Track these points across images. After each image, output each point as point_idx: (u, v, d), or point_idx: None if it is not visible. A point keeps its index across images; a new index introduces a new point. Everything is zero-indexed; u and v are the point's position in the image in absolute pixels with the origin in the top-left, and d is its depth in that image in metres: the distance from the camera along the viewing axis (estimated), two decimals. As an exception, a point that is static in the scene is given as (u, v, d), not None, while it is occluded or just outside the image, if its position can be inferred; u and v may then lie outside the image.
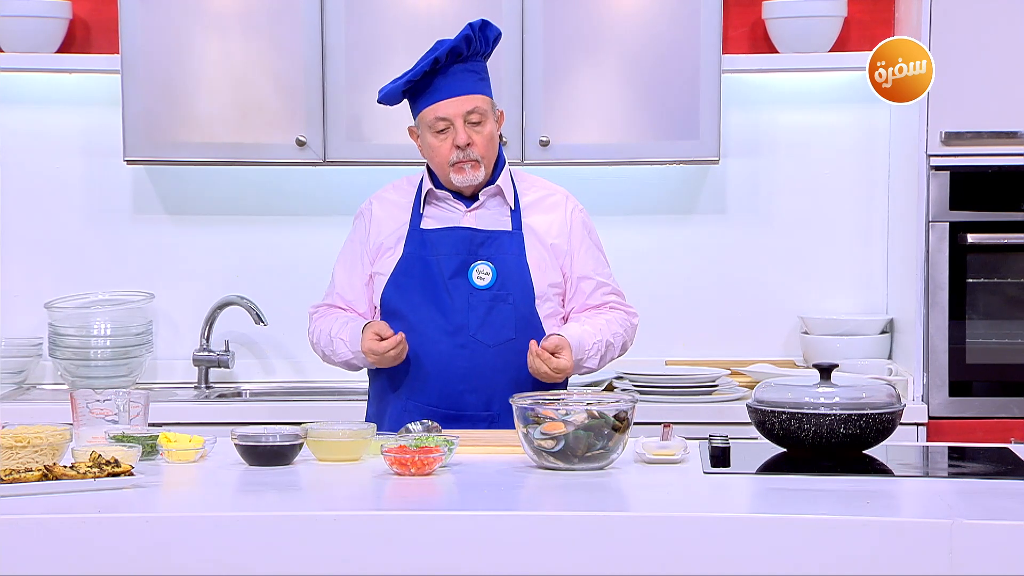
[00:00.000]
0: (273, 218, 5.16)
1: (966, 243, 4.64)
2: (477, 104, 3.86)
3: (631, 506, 3.17)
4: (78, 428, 3.49)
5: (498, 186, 3.93)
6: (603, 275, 4.00)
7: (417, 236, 3.92)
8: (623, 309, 4.02)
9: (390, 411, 3.90)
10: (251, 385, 5.12)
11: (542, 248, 3.93)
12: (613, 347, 3.94)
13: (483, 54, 3.90)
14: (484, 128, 3.87)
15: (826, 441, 3.41)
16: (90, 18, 5.07)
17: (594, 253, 4.01)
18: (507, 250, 3.90)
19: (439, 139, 3.87)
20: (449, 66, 3.84)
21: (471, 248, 3.89)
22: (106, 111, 5.00)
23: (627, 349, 4.03)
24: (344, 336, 3.91)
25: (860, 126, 5.11)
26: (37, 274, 5.13)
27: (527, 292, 3.89)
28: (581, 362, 3.87)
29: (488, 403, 3.85)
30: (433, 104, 3.85)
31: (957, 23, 4.58)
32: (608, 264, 4.05)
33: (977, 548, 2.86)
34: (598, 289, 3.98)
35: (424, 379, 3.86)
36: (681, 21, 4.77)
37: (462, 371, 3.86)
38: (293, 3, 4.79)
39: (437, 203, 3.94)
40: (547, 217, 3.96)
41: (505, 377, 3.84)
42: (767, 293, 5.17)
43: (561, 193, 4.03)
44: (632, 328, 4.02)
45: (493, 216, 3.93)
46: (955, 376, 4.66)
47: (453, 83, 3.85)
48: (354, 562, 2.90)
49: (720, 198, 5.16)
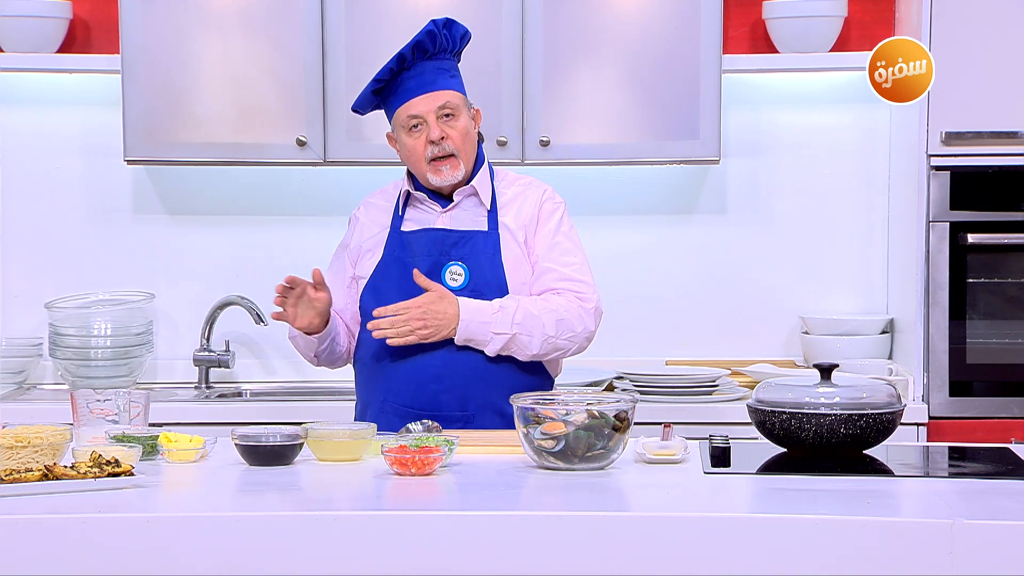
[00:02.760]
0: (273, 218, 5.16)
1: (966, 243, 4.64)
2: (448, 99, 3.85)
3: (631, 506, 3.17)
4: (78, 428, 3.49)
5: (472, 186, 3.91)
6: (558, 262, 3.87)
7: (396, 239, 3.92)
8: (572, 292, 3.84)
9: (370, 412, 3.91)
10: (251, 385, 5.12)
11: (516, 246, 3.89)
12: (536, 318, 3.76)
13: (451, 51, 3.89)
14: (457, 122, 3.86)
15: (826, 441, 3.41)
16: (90, 18, 5.07)
17: (553, 240, 3.89)
18: (481, 250, 3.88)
19: (413, 137, 3.86)
20: (416, 63, 3.84)
21: (443, 249, 3.88)
22: (106, 111, 5.00)
23: (581, 333, 3.82)
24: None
25: (860, 126, 5.12)
26: (37, 274, 5.13)
27: (502, 292, 3.85)
28: (487, 326, 3.75)
29: (463, 403, 3.83)
30: (404, 103, 3.85)
31: (957, 23, 4.58)
32: (576, 254, 3.89)
33: (977, 548, 2.86)
34: (545, 274, 3.86)
35: (399, 380, 3.85)
36: (681, 21, 4.78)
37: (435, 371, 3.84)
38: (293, 3, 4.79)
39: (416, 205, 3.94)
40: (520, 211, 3.92)
41: (480, 377, 3.82)
42: (767, 293, 5.17)
43: (539, 187, 3.96)
44: (583, 310, 3.82)
45: (468, 216, 3.92)
46: (955, 376, 4.66)
47: (422, 80, 3.84)
48: (354, 562, 2.90)
49: (720, 198, 5.16)
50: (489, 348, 3.81)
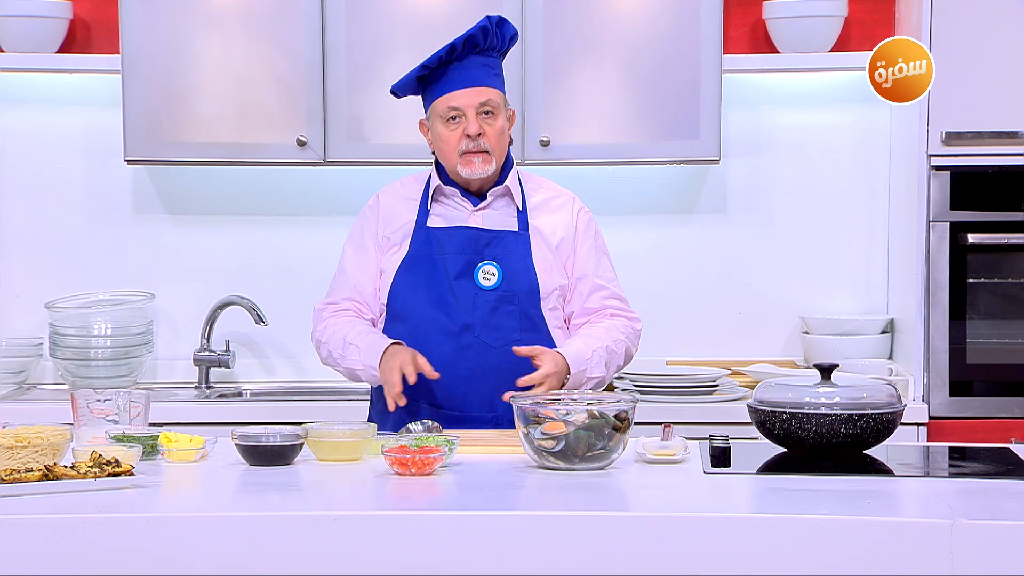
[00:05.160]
0: (273, 218, 5.16)
1: (966, 243, 4.64)
2: (490, 96, 3.86)
3: (631, 506, 3.17)
4: (78, 428, 3.49)
5: (506, 186, 3.93)
6: (604, 279, 3.98)
7: (423, 234, 3.91)
8: (624, 315, 3.98)
9: (394, 412, 3.89)
10: (251, 385, 5.12)
11: (548, 249, 3.92)
12: (616, 353, 3.91)
13: (499, 50, 3.90)
14: (496, 121, 3.87)
15: (826, 441, 3.41)
16: (90, 18, 5.07)
17: (596, 256, 3.99)
18: (513, 251, 3.89)
19: (449, 128, 3.86)
20: (465, 56, 3.84)
21: (477, 248, 3.89)
22: (106, 111, 5.00)
23: (631, 356, 4.00)
24: (361, 344, 3.86)
25: (860, 126, 5.12)
26: (37, 274, 5.13)
27: (533, 293, 3.88)
28: (584, 372, 3.84)
29: (492, 404, 3.84)
30: (447, 93, 3.85)
31: (957, 23, 4.58)
32: (613, 270, 4.02)
33: (978, 548, 2.85)
34: (596, 292, 3.96)
35: (428, 380, 3.84)
36: (681, 21, 4.78)
37: (466, 372, 3.85)
38: (293, 3, 4.79)
39: (444, 200, 3.94)
40: (553, 218, 3.96)
41: (509, 378, 3.82)
42: (767, 293, 5.17)
43: (568, 195, 4.03)
44: (635, 333, 3.99)
45: (500, 216, 3.93)
46: (955, 376, 4.66)
47: (468, 74, 3.85)
48: (354, 562, 2.90)
49: (720, 198, 5.16)
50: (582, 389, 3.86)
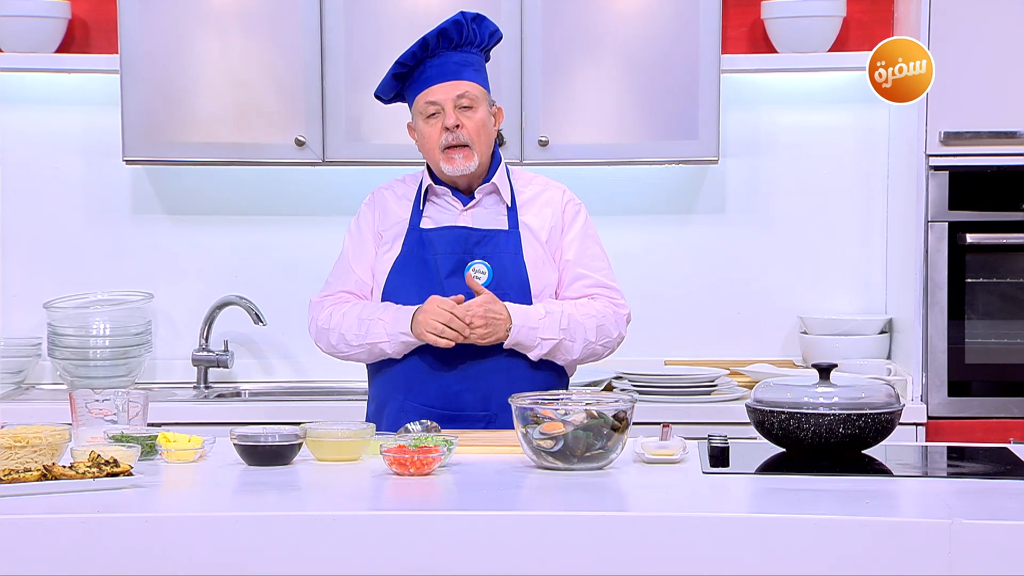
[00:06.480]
0: (273, 218, 5.16)
1: (965, 243, 4.64)
2: (467, 89, 3.85)
3: (630, 506, 3.17)
4: (77, 428, 3.49)
5: (493, 184, 3.92)
6: (588, 267, 3.92)
7: (415, 234, 3.92)
8: (607, 298, 3.91)
9: (388, 411, 3.90)
10: (250, 385, 5.12)
11: (539, 246, 3.91)
12: (581, 325, 3.83)
13: (478, 45, 3.89)
14: (475, 114, 3.85)
15: (825, 441, 3.41)
16: (89, 18, 5.07)
17: (582, 244, 3.93)
18: (503, 249, 3.89)
19: (429, 124, 3.86)
20: (441, 52, 3.84)
21: (467, 247, 3.88)
22: (105, 111, 5.00)
23: (612, 336, 3.90)
24: (384, 317, 3.83)
25: (860, 126, 5.12)
26: (37, 274, 5.13)
27: (524, 291, 3.87)
28: (535, 332, 3.78)
29: (486, 403, 3.84)
30: (424, 90, 3.85)
31: (955, 23, 4.58)
32: (604, 259, 3.97)
33: (976, 548, 2.86)
34: (577, 280, 3.91)
35: (422, 379, 3.85)
36: (680, 21, 4.78)
37: (459, 371, 3.85)
38: (293, 3, 4.79)
39: (435, 200, 3.93)
40: (542, 212, 3.94)
41: (502, 377, 3.82)
42: (766, 293, 5.17)
43: (558, 188, 3.99)
44: (616, 315, 3.90)
45: (489, 215, 3.92)
46: (954, 376, 4.66)
47: (444, 68, 3.84)
48: (354, 562, 2.90)
49: (719, 198, 5.16)
50: (534, 353, 3.83)
